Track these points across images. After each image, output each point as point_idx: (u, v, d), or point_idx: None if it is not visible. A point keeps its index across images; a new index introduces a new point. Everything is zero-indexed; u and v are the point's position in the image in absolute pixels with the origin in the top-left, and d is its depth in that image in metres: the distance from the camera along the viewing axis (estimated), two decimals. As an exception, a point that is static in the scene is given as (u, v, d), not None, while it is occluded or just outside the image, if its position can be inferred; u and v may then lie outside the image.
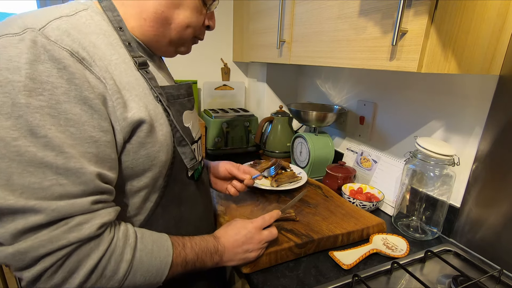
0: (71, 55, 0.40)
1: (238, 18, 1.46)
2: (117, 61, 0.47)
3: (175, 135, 0.54)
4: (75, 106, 0.40)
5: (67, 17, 0.44)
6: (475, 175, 0.75)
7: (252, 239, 0.61)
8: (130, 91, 0.47)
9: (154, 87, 0.52)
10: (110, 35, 0.48)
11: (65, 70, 0.39)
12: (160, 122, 0.51)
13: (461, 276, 0.62)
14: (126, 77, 0.47)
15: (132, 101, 0.46)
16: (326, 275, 0.64)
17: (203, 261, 0.54)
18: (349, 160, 1.13)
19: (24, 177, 0.37)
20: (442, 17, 0.53)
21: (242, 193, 0.92)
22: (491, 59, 0.63)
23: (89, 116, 0.41)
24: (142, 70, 0.51)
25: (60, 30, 0.41)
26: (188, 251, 0.52)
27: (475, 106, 0.75)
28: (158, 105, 0.51)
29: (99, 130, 0.42)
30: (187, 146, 0.56)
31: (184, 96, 0.60)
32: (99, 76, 0.43)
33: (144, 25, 0.52)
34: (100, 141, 0.42)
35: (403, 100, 0.95)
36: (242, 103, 1.66)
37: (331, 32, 0.77)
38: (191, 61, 1.52)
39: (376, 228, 0.78)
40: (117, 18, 0.50)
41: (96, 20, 0.47)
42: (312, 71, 1.40)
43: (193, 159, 0.58)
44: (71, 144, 0.39)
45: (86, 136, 0.41)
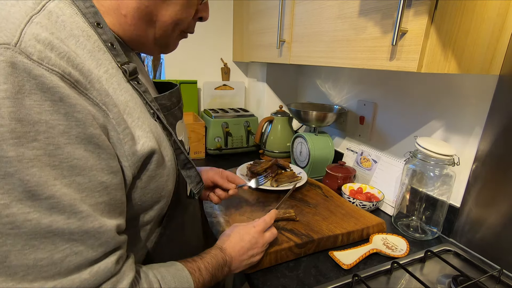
0: (62, 79, 0.31)
1: (238, 18, 1.46)
2: (107, 75, 0.37)
3: (179, 157, 0.47)
4: (78, 148, 0.31)
5: (36, 16, 0.32)
6: (475, 175, 0.75)
7: (257, 244, 0.61)
8: (131, 114, 0.38)
9: (150, 102, 0.43)
10: (90, 35, 0.37)
11: (61, 102, 0.30)
12: (164, 145, 0.43)
13: (461, 276, 0.62)
14: (122, 96, 0.38)
15: (137, 128, 0.38)
16: (326, 275, 0.64)
17: (216, 278, 0.53)
18: (349, 160, 1.13)
19: (25, 254, 0.29)
20: (442, 17, 0.53)
21: (241, 193, 0.92)
22: (491, 59, 0.63)
23: (96, 158, 0.33)
24: (133, 81, 0.42)
25: (41, 42, 0.30)
26: (204, 273, 0.50)
27: (475, 106, 0.75)
28: (156, 125, 0.43)
29: (108, 173, 0.34)
30: (192, 169, 0.50)
31: (175, 104, 0.52)
32: (97, 102, 0.34)
33: (124, 23, 0.42)
34: (111, 186, 0.35)
35: (403, 100, 0.95)
36: (242, 103, 1.66)
37: (331, 32, 0.77)
38: (191, 61, 1.52)
39: (376, 228, 0.78)
40: (91, 10, 0.38)
41: (68, 14, 0.36)
42: (312, 71, 1.40)
43: (200, 182, 0.52)
44: (81, 198, 0.32)
45: (96, 184, 0.33)
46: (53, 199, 0.29)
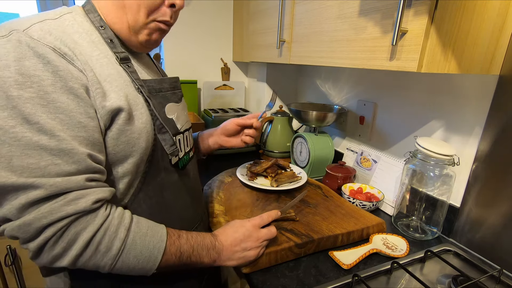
0: (54, 51, 0.44)
1: (238, 18, 1.46)
2: (98, 56, 0.50)
3: (155, 123, 0.56)
4: (62, 95, 0.43)
5: (51, 20, 0.47)
6: (475, 175, 0.75)
7: (250, 237, 0.61)
8: (110, 83, 0.50)
9: (135, 79, 0.54)
10: (92, 33, 0.51)
11: (49, 64, 0.43)
12: (140, 111, 0.53)
13: (461, 276, 0.62)
14: (107, 70, 0.50)
15: (112, 92, 0.49)
16: (326, 275, 0.64)
17: (199, 256, 0.55)
18: (349, 160, 1.13)
19: (23, 159, 0.41)
20: (442, 17, 0.53)
21: (241, 193, 0.92)
22: (491, 59, 0.63)
23: (76, 104, 0.44)
24: (124, 65, 0.54)
25: (43, 30, 0.45)
26: (183, 241, 0.54)
27: (475, 106, 0.75)
28: (139, 96, 0.54)
29: (86, 116, 0.45)
30: (167, 134, 0.58)
31: (167, 89, 0.62)
32: (80, 69, 0.46)
33: (114, 16, 0.54)
34: (89, 126, 0.46)
35: (403, 100, 0.95)
36: (242, 103, 1.66)
37: (331, 32, 0.77)
38: (191, 61, 1.52)
39: (376, 228, 0.78)
40: (97, 18, 0.53)
41: (78, 21, 0.51)
42: (312, 71, 1.40)
43: (173, 145, 0.59)
44: (62, 129, 0.43)
45: (75, 122, 0.44)
46: (39, 125, 0.42)
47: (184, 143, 0.66)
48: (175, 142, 0.60)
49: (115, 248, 0.46)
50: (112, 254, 0.46)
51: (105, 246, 0.46)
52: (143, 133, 0.53)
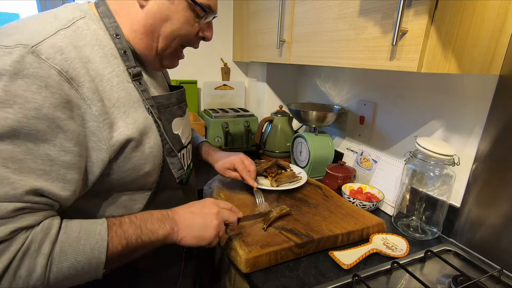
0: (59, 74, 0.41)
1: (238, 18, 1.46)
2: (110, 75, 0.48)
3: (165, 146, 0.56)
4: (42, 123, 0.40)
5: (64, 30, 0.44)
6: (475, 175, 0.75)
7: (209, 207, 0.57)
8: (119, 108, 0.48)
9: (146, 99, 0.53)
10: (106, 45, 0.49)
11: (45, 88, 0.40)
12: (148, 134, 0.52)
13: (461, 276, 0.62)
14: (117, 92, 0.48)
15: (120, 119, 0.48)
16: (326, 275, 0.64)
17: (151, 232, 0.50)
18: (349, 160, 1.13)
19: None
20: (442, 17, 0.53)
21: (242, 193, 0.92)
22: (491, 59, 0.63)
23: (54, 135, 0.41)
24: (136, 82, 0.52)
25: (55, 48, 0.42)
26: (126, 226, 0.48)
27: (475, 106, 0.75)
28: (148, 117, 0.53)
29: (59, 150, 0.42)
30: (175, 157, 0.58)
31: (174, 104, 0.61)
32: (84, 97, 0.44)
33: (135, 37, 0.53)
34: (57, 161, 0.42)
35: (403, 100, 0.95)
36: (242, 103, 1.66)
37: (331, 32, 0.77)
38: (191, 61, 1.51)
39: (376, 228, 0.78)
40: (113, 24, 0.51)
41: (92, 29, 0.49)
42: (312, 71, 1.40)
43: (181, 169, 0.59)
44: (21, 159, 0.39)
45: (42, 153, 0.41)
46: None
47: (187, 156, 0.66)
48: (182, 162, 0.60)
49: (39, 267, 0.40)
50: (37, 274, 0.40)
51: (26, 270, 0.39)
52: (149, 157, 0.53)
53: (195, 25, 0.55)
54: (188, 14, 0.53)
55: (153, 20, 0.51)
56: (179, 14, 0.52)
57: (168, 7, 0.51)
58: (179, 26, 0.53)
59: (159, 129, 0.54)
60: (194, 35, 0.57)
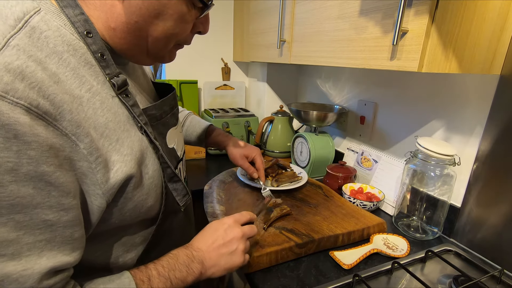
0: (28, 111, 0.29)
1: (238, 18, 1.46)
2: (89, 94, 0.36)
3: (165, 171, 0.47)
4: (25, 186, 0.30)
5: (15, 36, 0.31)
6: (475, 175, 0.75)
7: (233, 232, 0.52)
8: (110, 137, 0.38)
9: (138, 116, 0.43)
10: (76, 49, 0.37)
11: (15, 139, 0.29)
12: (146, 163, 0.43)
13: (462, 276, 0.62)
14: (102, 117, 0.37)
15: (114, 152, 0.38)
16: (327, 275, 0.64)
17: (180, 281, 0.46)
18: (349, 160, 1.12)
19: None
20: (443, 17, 0.53)
21: (242, 193, 0.92)
22: (492, 59, 0.63)
23: (45, 195, 0.32)
24: (122, 95, 0.41)
25: (11, 71, 0.29)
26: (156, 282, 0.43)
27: (476, 105, 0.75)
28: (143, 138, 0.43)
29: (57, 210, 0.33)
30: (179, 183, 0.50)
31: (167, 112, 0.52)
32: (66, 132, 0.33)
33: (114, 36, 0.41)
34: (58, 224, 0.34)
35: (404, 100, 0.95)
36: (243, 103, 1.66)
37: (332, 32, 0.76)
38: (191, 61, 1.52)
39: (377, 228, 0.78)
40: (80, 17, 0.37)
41: (54, 27, 0.35)
42: (312, 71, 1.40)
43: (186, 195, 0.51)
44: (14, 239, 0.31)
45: (37, 222, 0.32)
46: None
47: (183, 169, 0.59)
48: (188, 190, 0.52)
49: None
50: None
51: None
52: (151, 189, 0.45)
53: (191, 21, 0.44)
54: (183, 8, 0.41)
55: (138, 16, 0.39)
56: (171, 9, 0.40)
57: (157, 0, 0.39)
58: (172, 24, 0.41)
59: (156, 151, 0.45)
60: (189, 32, 0.46)
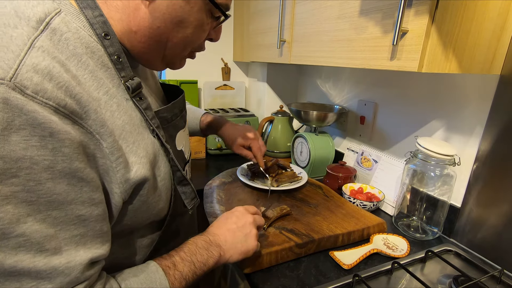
0: (56, 111, 0.30)
1: (238, 18, 1.46)
2: (107, 96, 0.37)
3: (176, 174, 0.48)
4: (60, 182, 0.31)
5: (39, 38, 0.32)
6: (475, 175, 0.75)
7: (243, 217, 0.56)
8: (127, 139, 0.39)
9: (151, 119, 0.44)
10: (94, 51, 0.38)
11: (51, 137, 0.30)
12: (158, 165, 0.44)
13: (462, 276, 0.62)
14: (119, 120, 0.38)
15: (131, 154, 0.39)
16: (327, 275, 0.64)
17: (202, 263, 0.48)
18: (349, 160, 1.12)
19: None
20: (443, 17, 0.53)
21: (242, 193, 0.92)
22: (492, 59, 0.63)
23: (78, 191, 0.33)
24: (136, 98, 0.42)
25: (40, 72, 0.30)
26: (181, 266, 0.45)
27: (476, 105, 0.75)
28: (155, 141, 0.44)
29: (89, 205, 0.35)
30: (188, 186, 0.51)
31: (177, 115, 0.53)
32: (91, 131, 0.34)
33: (134, 39, 0.42)
34: (90, 218, 0.35)
35: (404, 100, 0.95)
36: (243, 103, 1.66)
37: (332, 32, 0.76)
38: (191, 61, 1.51)
39: (377, 228, 0.78)
40: (99, 19, 0.38)
41: (73, 29, 0.36)
42: (312, 71, 1.40)
43: (194, 198, 0.52)
44: (53, 234, 0.32)
45: (72, 217, 0.33)
46: (22, 237, 0.30)
47: (189, 171, 0.60)
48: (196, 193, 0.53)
49: None
50: None
51: None
52: (162, 192, 0.46)
53: (207, 29, 0.46)
54: (202, 16, 0.43)
55: (161, 22, 0.40)
56: (193, 17, 0.42)
57: (181, 7, 0.40)
58: (192, 31, 0.43)
59: (167, 154, 0.46)
60: (204, 39, 0.48)
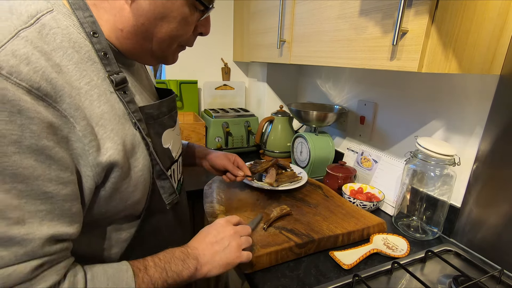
0: (29, 92, 0.33)
1: (238, 18, 1.46)
2: (88, 86, 0.40)
3: (155, 167, 0.49)
4: (27, 157, 0.33)
5: (26, 30, 0.35)
6: (475, 175, 0.75)
7: (225, 231, 0.56)
8: (104, 126, 0.41)
9: (133, 112, 0.46)
10: (81, 46, 0.41)
11: (19, 114, 0.32)
12: (136, 156, 0.46)
13: (462, 276, 0.62)
14: (99, 108, 0.41)
15: (107, 140, 0.41)
16: (327, 275, 0.64)
17: (176, 273, 0.48)
18: (349, 160, 1.12)
19: None
20: (443, 17, 0.53)
21: (242, 193, 0.92)
22: (491, 59, 0.63)
23: (46, 168, 0.35)
24: (120, 91, 0.45)
25: (17, 57, 0.33)
26: (152, 271, 0.46)
27: (476, 106, 0.75)
28: (136, 134, 0.46)
29: (57, 183, 0.36)
30: (166, 180, 0.52)
31: (165, 114, 0.54)
32: (65, 114, 0.36)
33: (121, 36, 0.45)
34: (58, 196, 0.37)
35: (404, 100, 0.95)
36: (243, 103, 1.66)
37: (332, 32, 0.76)
38: (191, 61, 1.52)
39: (377, 228, 0.78)
40: (89, 19, 0.42)
41: (63, 26, 0.39)
42: (312, 71, 1.40)
43: (173, 193, 0.53)
44: (17, 205, 0.33)
45: (38, 193, 0.35)
46: None
47: (178, 170, 0.61)
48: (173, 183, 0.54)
49: None
50: None
51: None
52: (139, 184, 0.47)
53: (192, 23, 0.48)
54: (185, 10, 0.45)
55: (145, 18, 0.43)
56: (175, 12, 0.44)
57: (163, 3, 0.43)
58: (175, 26, 0.45)
59: (148, 147, 0.47)
60: (191, 33, 0.49)
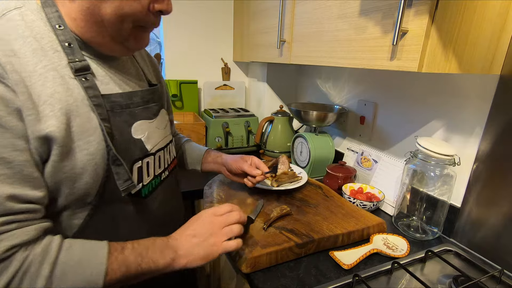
0: None
1: (238, 18, 1.46)
2: (43, 69, 0.43)
3: (110, 153, 0.49)
4: None
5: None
6: (475, 175, 0.75)
7: (208, 223, 0.55)
8: (53, 105, 0.43)
9: (92, 97, 0.47)
10: (43, 37, 0.44)
11: None
12: (88, 139, 0.47)
13: (462, 276, 0.62)
14: (51, 88, 0.43)
15: (53, 117, 0.43)
16: (327, 275, 0.64)
17: (152, 261, 0.49)
18: (349, 160, 1.12)
19: None
20: (443, 17, 0.53)
21: (242, 193, 0.92)
22: (491, 59, 0.63)
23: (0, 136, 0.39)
24: (80, 77, 0.47)
25: None
26: (128, 252, 0.47)
27: (476, 106, 0.75)
28: (92, 118, 0.47)
29: (12, 150, 0.40)
30: (121, 166, 0.51)
31: (137, 104, 0.55)
32: (14, 88, 0.40)
33: (77, 26, 0.47)
34: (15, 162, 0.40)
35: (404, 100, 0.95)
36: (243, 103, 1.66)
37: (332, 32, 0.76)
38: (191, 61, 1.52)
39: (377, 228, 0.78)
40: (55, 14, 0.46)
41: (28, 20, 0.44)
42: (312, 71, 1.40)
43: (128, 180, 0.52)
44: None
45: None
46: None
47: (155, 165, 0.59)
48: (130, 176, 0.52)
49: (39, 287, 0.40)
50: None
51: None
52: (89, 166, 0.47)
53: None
54: None
55: (88, 2, 0.44)
56: None
57: None
58: (119, 3, 0.44)
59: (103, 133, 0.48)
60: (145, 11, 0.47)
